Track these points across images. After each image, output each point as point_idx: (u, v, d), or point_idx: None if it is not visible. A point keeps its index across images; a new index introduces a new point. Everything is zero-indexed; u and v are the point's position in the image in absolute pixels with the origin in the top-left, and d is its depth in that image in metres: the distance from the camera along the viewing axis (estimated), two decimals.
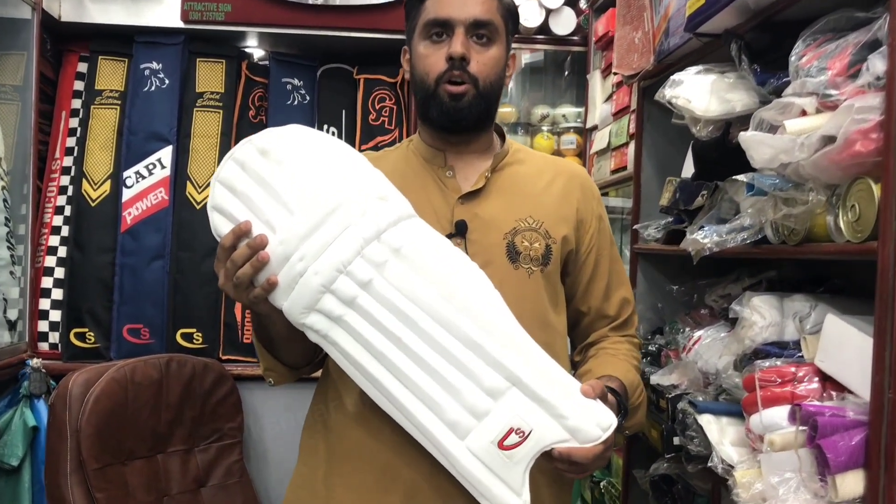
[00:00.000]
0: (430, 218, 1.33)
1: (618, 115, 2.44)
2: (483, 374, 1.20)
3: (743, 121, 1.45)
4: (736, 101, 1.43)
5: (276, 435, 2.57)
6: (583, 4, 2.79)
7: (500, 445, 1.19)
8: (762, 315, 1.39)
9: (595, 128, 2.70)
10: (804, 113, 1.20)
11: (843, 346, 1.19)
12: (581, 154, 2.87)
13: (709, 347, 1.65)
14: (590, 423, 1.20)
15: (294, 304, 1.21)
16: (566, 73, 3.08)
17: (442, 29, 1.38)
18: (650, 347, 1.98)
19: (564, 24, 2.79)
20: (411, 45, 1.46)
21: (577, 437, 1.19)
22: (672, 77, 1.54)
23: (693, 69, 1.53)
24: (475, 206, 1.41)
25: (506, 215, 1.41)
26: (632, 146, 2.25)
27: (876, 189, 1.09)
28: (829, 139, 1.14)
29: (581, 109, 2.91)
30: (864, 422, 1.10)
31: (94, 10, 2.68)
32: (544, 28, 2.80)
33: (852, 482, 1.09)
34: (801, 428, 1.16)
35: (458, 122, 1.40)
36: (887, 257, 1.06)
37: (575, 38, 2.82)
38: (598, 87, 2.67)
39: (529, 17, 2.75)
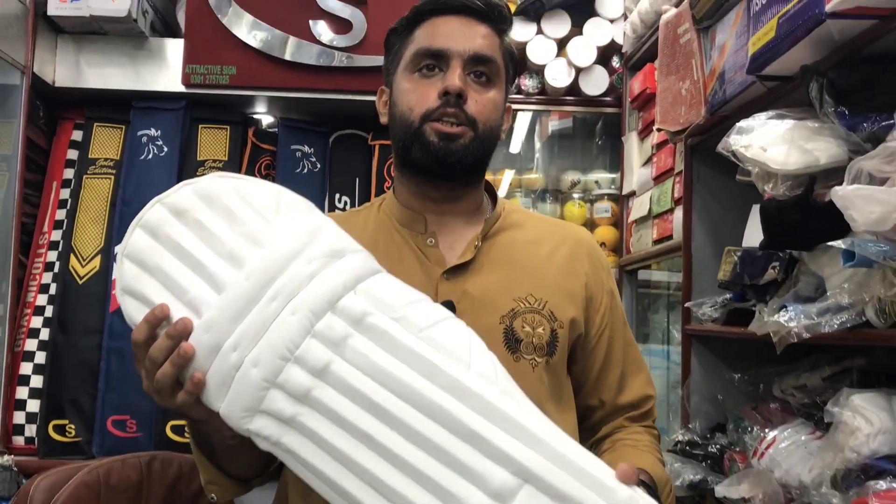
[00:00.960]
0: None
1: (659, 178, 2.18)
2: (485, 471, 0.89)
3: (828, 175, 1.19)
4: (820, 151, 1.16)
5: None
6: (615, 63, 2.57)
7: None
8: (868, 420, 1.10)
9: (632, 194, 2.44)
10: None
11: None
12: (617, 223, 2.61)
13: (789, 454, 1.36)
14: None
15: (232, 407, 0.93)
16: (598, 137, 2.85)
17: (435, 62, 1.16)
18: (710, 448, 1.68)
19: (596, 84, 2.56)
20: (392, 80, 1.23)
21: None
22: (738, 124, 1.28)
23: (763, 115, 1.27)
24: (464, 283, 1.16)
25: (502, 294, 1.16)
26: (677, 213, 1.99)
27: None
28: None
29: (616, 175, 2.66)
30: None
31: (90, 74, 2.50)
32: (574, 89, 2.57)
33: None
34: None
35: (448, 167, 1.15)
36: None
37: (607, 98, 2.59)
38: (634, 149, 2.42)
39: (558, 77, 2.52)
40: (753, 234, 1.53)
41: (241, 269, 0.94)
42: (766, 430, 1.47)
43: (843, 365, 1.43)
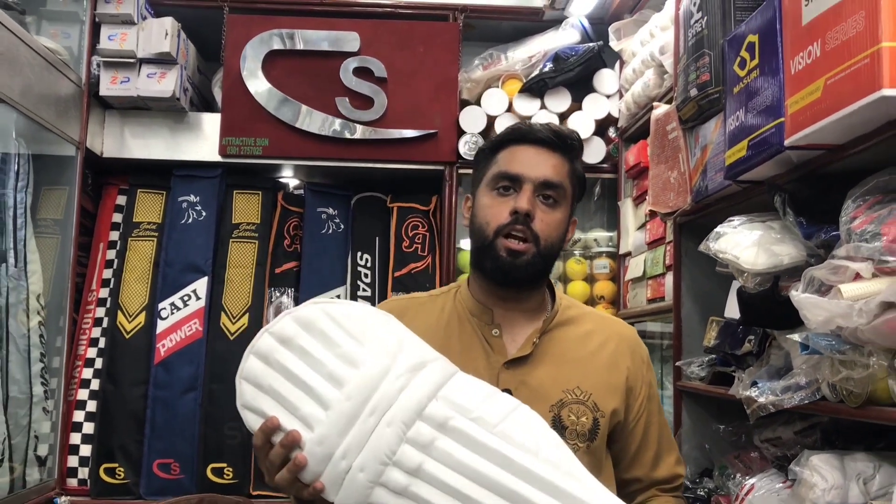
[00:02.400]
0: None
1: (652, 244, 2.43)
2: None
3: (791, 273, 1.43)
4: (784, 254, 1.41)
5: None
6: (612, 133, 2.83)
7: None
8: (823, 477, 1.33)
9: (629, 254, 2.69)
10: (858, 276, 1.18)
11: None
12: (615, 279, 2.86)
13: (764, 500, 1.58)
14: None
15: (345, 500, 1.13)
16: (596, 197, 3.10)
17: (511, 183, 1.35)
18: (699, 492, 1.90)
19: (594, 153, 2.82)
20: (476, 193, 1.42)
21: None
22: (716, 229, 1.54)
23: (737, 220, 1.53)
24: (522, 374, 1.34)
25: (553, 385, 1.34)
26: (669, 277, 2.23)
27: None
28: (889, 305, 1.11)
29: (613, 234, 2.91)
30: None
31: (134, 146, 2.76)
32: None
33: None
34: None
35: (512, 279, 1.35)
36: None
37: (604, 165, 2.84)
38: (630, 215, 2.67)
39: None
40: (733, 307, 1.77)
41: (341, 389, 1.12)
42: (746, 478, 1.70)
43: (811, 421, 1.67)
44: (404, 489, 1.10)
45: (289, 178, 3.01)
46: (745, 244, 1.45)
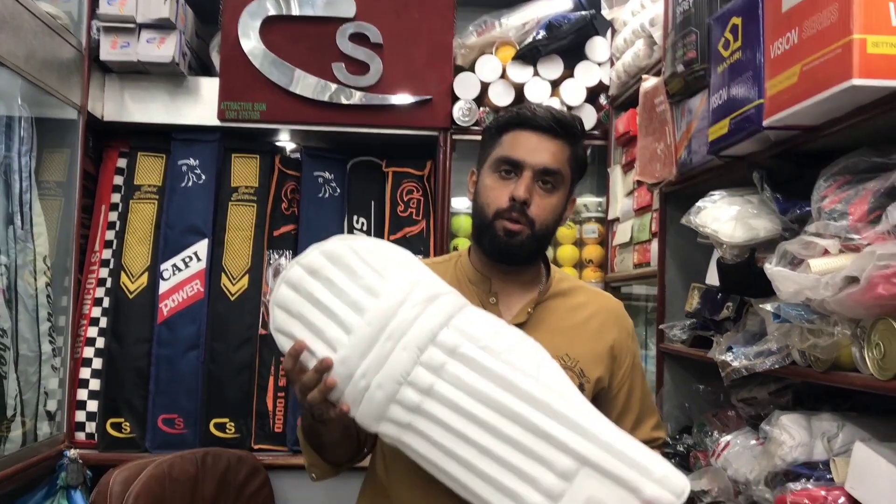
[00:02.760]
0: None
1: (640, 211, 2.52)
2: (553, 457, 1.23)
3: (767, 245, 1.52)
4: (760, 228, 1.50)
5: None
6: (603, 101, 2.89)
7: None
8: (791, 435, 1.44)
9: (617, 220, 2.77)
10: (827, 252, 1.27)
11: (873, 475, 1.24)
12: (603, 243, 2.94)
13: (738, 455, 1.69)
14: (665, 492, 1.22)
15: (364, 416, 1.27)
16: (588, 162, 3.17)
17: (512, 168, 1.44)
18: (678, 447, 2.02)
19: (585, 120, 2.87)
20: (480, 171, 1.52)
21: None
22: (697, 204, 1.62)
23: (717, 195, 1.61)
24: None
25: None
26: (654, 244, 2.32)
27: None
28: (853, 279, 1.20)
29: (602, 199, 2.99)
30: None
31: (134, 109, 2.80)
32: None
33: None
34: None
35: (508, 257, 1.46)
36: None
37: (595, 132, 2.91)
38: (618, 181, 2.75)
39: None
40: (714, 274, 1.87)
41: (363, 316, 1.26)
42: (723, 435, 1.81)
43: (784, 383, 1.77)
44: (417, 406, 1.24)
45: (286, 141, 3.06)
46: (723, 218, 1.53)
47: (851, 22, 1.17)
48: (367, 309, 1.26)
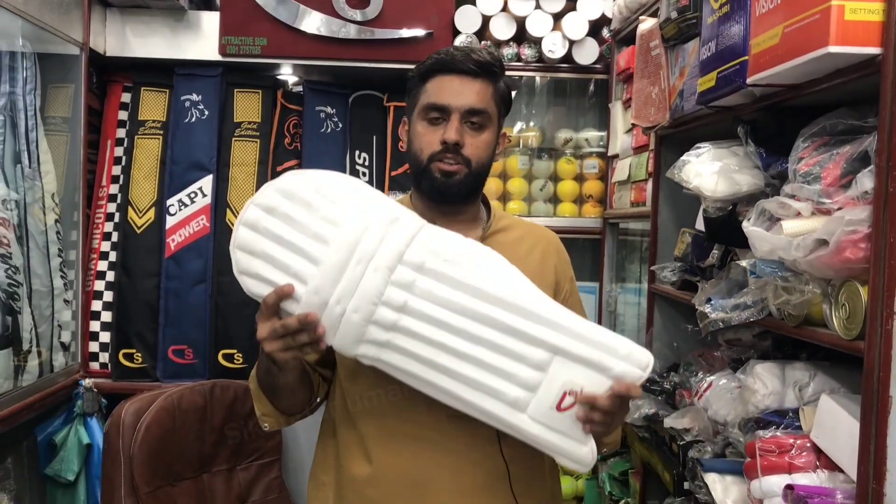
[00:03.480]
0: None
1: (638, 150, 2.53)
2: (526, 352, 1.31)
3: (750, 199, 1.55)
4: (743, 183, 1.53)
5: (311, 451, 2.71)
6: (605, 34, 2.87)
7: (559, 408, 1.31)
8: (764, 383, 1.50)
9: (616, 156, 2.79)
10: (800, 214, 1.30)
11: (835, 426, 1.31)
12: (603, 178, 2.96)
13: (719, 397, 1.76)
14: (630, 366, 1.30)
15: (343, 341, 1.31)
16: (589, 96, 3.16)
17: (439, 114, 1.48)
18: (665, 385, 2.09)
19: (587, 54, 2.86)
20: (410, 119, 1.55)
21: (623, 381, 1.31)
22: (682, 158, 1.64)
23: (704, 147, 1.63)
24: None
25: None
26: (650, 183, 2.34)
27: (863, 292, 1.20)
28: (823, 242, 1.24)
29: (604, 133, 2.99)
30: None
31: (136, 44, 2.81)
32: (568, 58, 2.88)
33: None
34: None
35: (447, 196, 1.50)
36: (872, 359, 1.17)
37: (597, 66, 2.89)
38: (619, 117, 2.75)
39: (554, 48, 2.83)
40: (703, 221, 1.90)
41: (328, 246, 1.28)
42: (706, 376, 1.88)
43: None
44: (394, 324, 1.30)
45: (288, 75, 3.06)
46: (706, 173, 1.56)
47: None
48: (331, 239, 1.29)
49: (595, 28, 2.88)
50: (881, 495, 1.15)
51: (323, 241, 1.30)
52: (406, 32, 2.80)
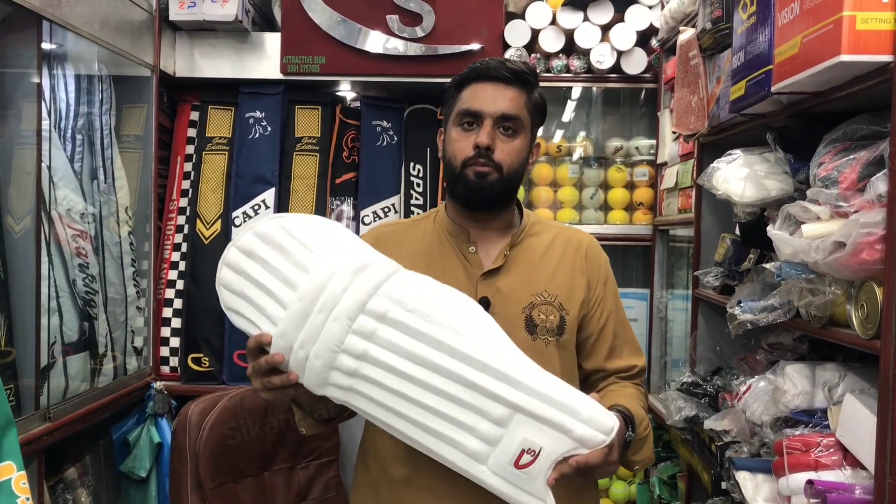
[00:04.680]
0: None
1: (684, 157, 2.56)
2: (486, 406, 1.30)
3: (779, 203, 1.59)
4: (772, 188, 1.57)
5: None
6: (654, 44, 2.91)
7: (517, 465, 1.31)
8: (794, 384, 1.54)
9: (665, 164, 2.82)
10: (819, 217, 1.34)
11: (858, 424, 1.33)
12: (654, 185, 3.00)
13: (756, 399, 1.79)
14: (593, 431, 1.31)
15: (309, 381, 1.34)
16: (640, 106, 3.20)
17: (473, 119, 1.52)
18: (708, 389, 2.12)
19: (636, 64, 2.91)
20: (446, 127, 1.59)
21: (584, 445, 1.31)
22: (712, 165, 1.69)
23: (736, 153, 1.68)
24: (496, 282, 1.54)
25: (523, 290, 1.54)
26: (695, 191, 2.37)
27: (879, 292, 1.23)
28: (840, 244, 1.28)
29: (654, 141, 3.03)
30: (868, 501, 1.25)
31: (203, 65, 2.98)
32: (616, 68, 2.93)
33: None
34: (813, 501, 1.31)
35: (481, 198, 1.53)
36: (888, 357, 1.20)
37: (646, 75, 2.94)
38: (667, 126, 2.78)
39: (602, 59, 2.88)
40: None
41: (295, 291, 1.33)
42: (746, 379, 1.91)
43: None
44: (355, 371, 1.33)
45: (346, 91, 3.19)
46: (734, 178, 1.60)
47: None
48: (298, 285, 1.33)
49: (643, 38, 2.92)
50: None
51: (292, 286, 1.34)
52: (458, 48, 2.90)
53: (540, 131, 1.70)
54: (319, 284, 1.32)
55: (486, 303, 1.51)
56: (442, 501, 1.49)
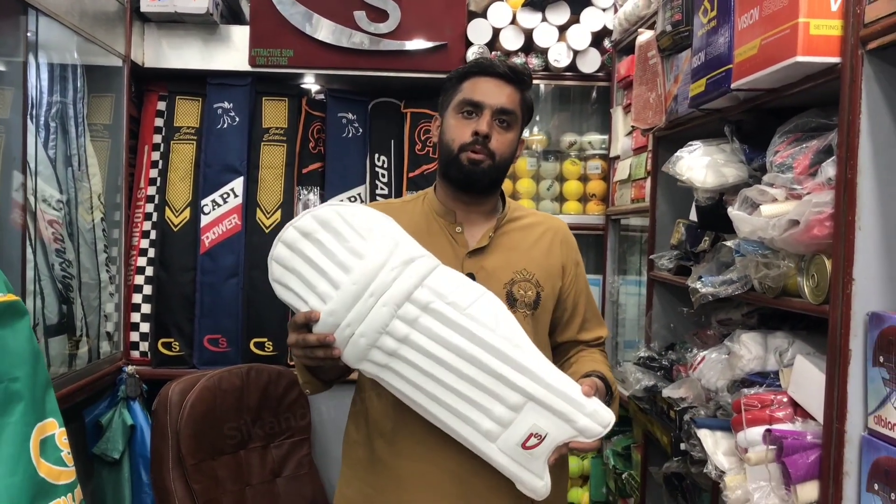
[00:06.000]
0: None
1: (637, 150, 2.75)
2: (505, 394, 1.49)
3: (735, 189, 1.77)
4: (729, 175, 1.75)
5: (339, 431, 2.89)
6: (607, 44, 3.09)
7: (524, 446, 1.50)
8: (749, 350, 1.72)
9: (618, 157, 3.00)
10: (775, 199, 1.52)
11: (808, 381, 1.52)
12: (606, 178, 3.18)
13: (710, 368, 1.97)
14: (594, 424, 1.50)
15: (349, 356, 1.49)
16: (592, 103, 3.39)
17: (473, 109, 1.67)
18: (663, 362, 2.30)
19: (590, 63, 3.09)
20: (444, 114, 1.73)
21: (584, 435, 1.50)
22: (676, 154, 1.86)
23: (696, 144, 1.85)
24: (481, 261, 1.69)
25: (505, 269, 1.69)
26: (649, 182, 2.56)
27: (828, 264, 1.41)
28: (794, 222, 1.46)
29: (606, 137, 3.21)
30: (818, 444, 1.43)
31: (172, 56, 3.04)
32: (572, 67, 3.10)
33: (809, 491, 1.42)
34: (770, 447, 1.49)
35: (473, 183, 1.67)
36: (836, 319, 1.38)
37: (600, 74, 3.12)
38: (619, 121, 2.97)
39: (559, 58, 3.05)
40: (695, 212, 2.12)
41: (349, 274, 1.46)
42: (700, 351, 2.09)
43: (754, 306, 2.04)
44: (394, 351, 1.48)
45: (311, 83, 3.28)
46: (697, 167, 1.78)
47: (798, 7, 1.39)
48: (352, 269, 1.46)
49: (597, 39, 3.10)
50: (843, 433, 1.36)
51: (346, 269, 1.46)
52: (422, 44, 3.03)
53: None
54: (373, 271, 1.46)
55: (471, 278, 1.64)
56: (428, 448, 1.62)
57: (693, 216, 2.16)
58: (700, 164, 1.78)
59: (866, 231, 1.35)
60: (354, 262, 1.47)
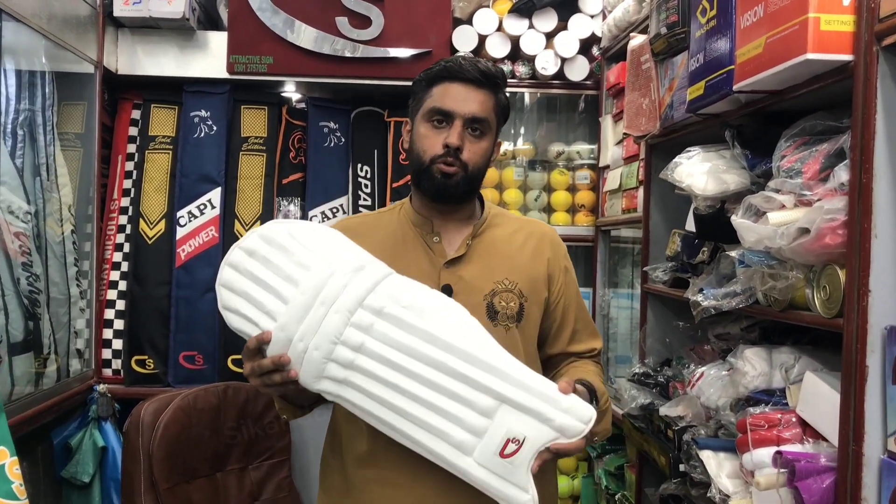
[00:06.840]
0: (419, 280, 1.48)
1: (628, 159, 2.67)
2: (474, 398, 1.39)
3: (737, 197, 1.69)
4: (730, 182, 1.66)
5: (320, 452, 2.81)
6: (595, 52, 3.02)
7: (502, 455, 1.39)
8: (753, 366, 1.63)
9: (607, 167, 2.93)
10: (784, 206, 1.44)
11: (819, 399, 1.43)
12: (595, 188, 3.10)
13: (710, 385, 1.88)
14: (573, 420, 1.39)
15: (306, 376, 1.39)
16: (580, 112, 3.31)
17: (443, 118, 1.56)
18: (659, 378, 2.22)
19: (578, 71, 3.02)
20: (414, 120, 1.63)
21: (565, 434, 1.39)
22: (674, 160, 1.78)
23: (694, 150, 1.77)
24: (459, 270, 1.59)
25: (485, 278, 1.59)
26: (641, 191, 2.48)
27: (842, 274, 1.33)
28: (804, 230, 1.37)
29: (594, 146, 3.14)
30: (833, 468, 1.34)
31: (147, 63, 2.93)
32: (560, 75, 3.03)
33: None
34: (782, 470, 1.40)
35: (445, 196, 1.59)
36: (851, 333, 1.30)
37: (588, 82, 3.04)
38: (609, 130, 2.89)
39: (547, 66, 2.98)
40: (692, 221, 2.04)
41: (297, 287, 1.39)
42: (697, 367, 2.00)
43: (753, 320, 1.96)
44: (351, 362, 1.39)
45: (292, 92, 3.19)
46: (697, 173, 1.70)
47: (808, 1, 1.31)
48: (300, 281, 1.40)
49: (585, 46, 3.03)
50: (860, 455, 1.27)
51: (293, 282, 1.40)
52: (405, 51, 2.94)
53: None
54: (322, 280, 1.40)
55: (448, 290, 1.56)
56: (403, 472, 1.52)
57: (690, 226, 2.08)
58: (700, 171, 1.70)
59: (883, 239, 1.27)
60: (302, 274, 1.41)
